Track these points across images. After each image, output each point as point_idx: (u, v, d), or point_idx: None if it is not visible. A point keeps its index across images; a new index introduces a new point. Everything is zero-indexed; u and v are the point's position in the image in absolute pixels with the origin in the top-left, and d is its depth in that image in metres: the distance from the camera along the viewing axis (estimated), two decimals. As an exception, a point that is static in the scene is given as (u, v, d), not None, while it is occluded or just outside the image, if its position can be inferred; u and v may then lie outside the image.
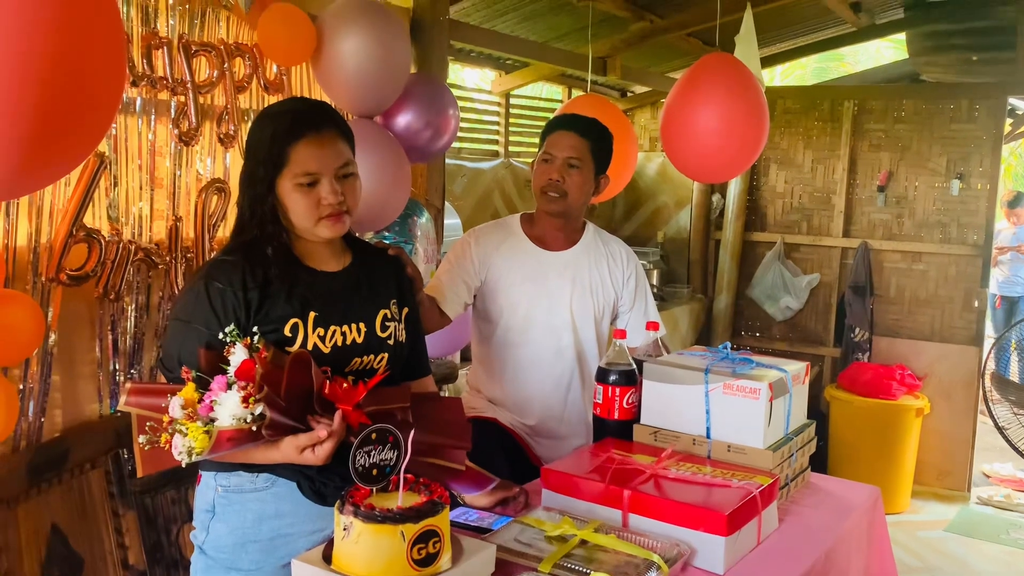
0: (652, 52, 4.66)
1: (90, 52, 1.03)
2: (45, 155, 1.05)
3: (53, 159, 1.10)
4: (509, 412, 2.22)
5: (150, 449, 1.43)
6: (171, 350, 1.56)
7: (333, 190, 1.57)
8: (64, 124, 1.03)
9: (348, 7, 2.43)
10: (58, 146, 1.06)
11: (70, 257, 1.99)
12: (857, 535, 1.90)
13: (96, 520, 2.06)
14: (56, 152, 1.07)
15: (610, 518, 1.62)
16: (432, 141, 2.72)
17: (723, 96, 2.71)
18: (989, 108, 4.88)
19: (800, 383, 1.97)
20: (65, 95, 1.01)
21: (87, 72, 1.03)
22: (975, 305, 5.00)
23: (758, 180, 5.46)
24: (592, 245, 2.32)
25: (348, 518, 1.30)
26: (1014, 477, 5.16)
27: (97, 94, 1.08)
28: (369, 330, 1.66)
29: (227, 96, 2.33)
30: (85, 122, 1.09)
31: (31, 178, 1.07)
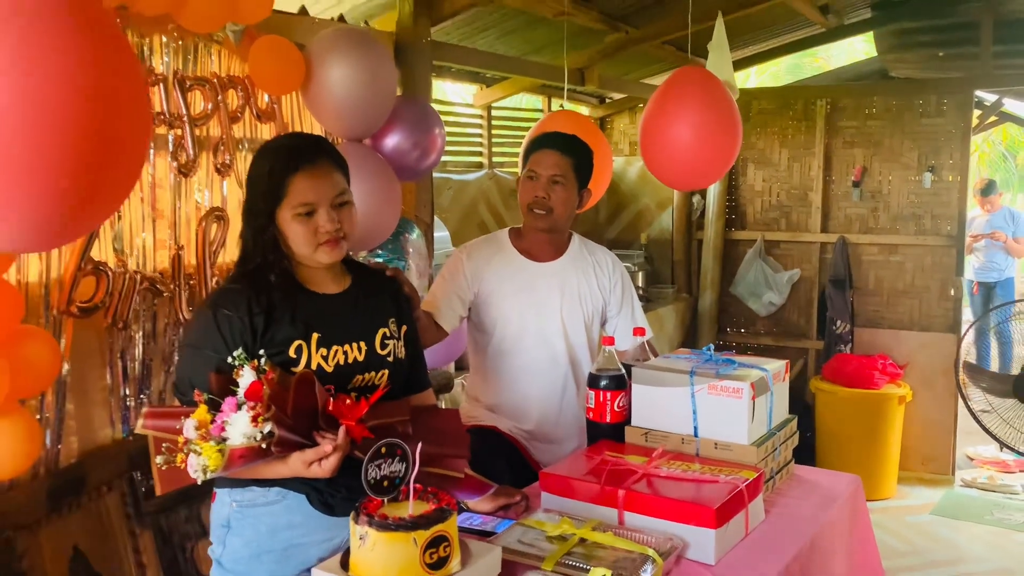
0: (628, 60, 4.77)
1: (122, 115, 1.12)
2: (85, 211, 1.14)
3: (92, 214, 1.20)
4: (507, 419, 2.32)
5: (167, 469, 1.52)
6: (184, 375, 1.65)
7: (330, 218, 1.67)
8: (101, 182, 1.13)
9: (334, 36, 2.52)
10: (96, 202, 1.15)
11: (80, 289, 2.07)
12: (840, 522, 2.00)
13: (115, 541, 2.14)
14: (95, 207, 1.17)
15: (606, 517, 1.71)
16: (420, 160, 2.82)
17: (696, 109, 2.83)
18: (956, 102, 5.03)
19: (780, 380, 2.08)
20: (102, 156, 1.10)
21: (121, 133, 1.12)
22: (951, 293, 5.14)
23: (737, 180, 5.59)
24: (578, 255, 2.42)
25: (363, 528, 1.39)
26: (997, 459, 5.30)
27: (128, 152, 1.17)
28: (369, 348, 1.75)
29: (222, 127, 2.42)
30: (119, 179, 1.18)
31: (71, 232, 1.15)
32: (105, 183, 1.13)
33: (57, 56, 0.99)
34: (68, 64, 1.00)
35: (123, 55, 1.11)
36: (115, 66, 1.08)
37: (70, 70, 1.00)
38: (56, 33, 1.01)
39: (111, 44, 1.10)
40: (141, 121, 1.19)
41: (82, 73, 1.02)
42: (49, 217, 1.07)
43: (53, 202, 1.05)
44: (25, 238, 1.14)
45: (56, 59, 0.99)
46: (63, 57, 1.00)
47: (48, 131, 1.00)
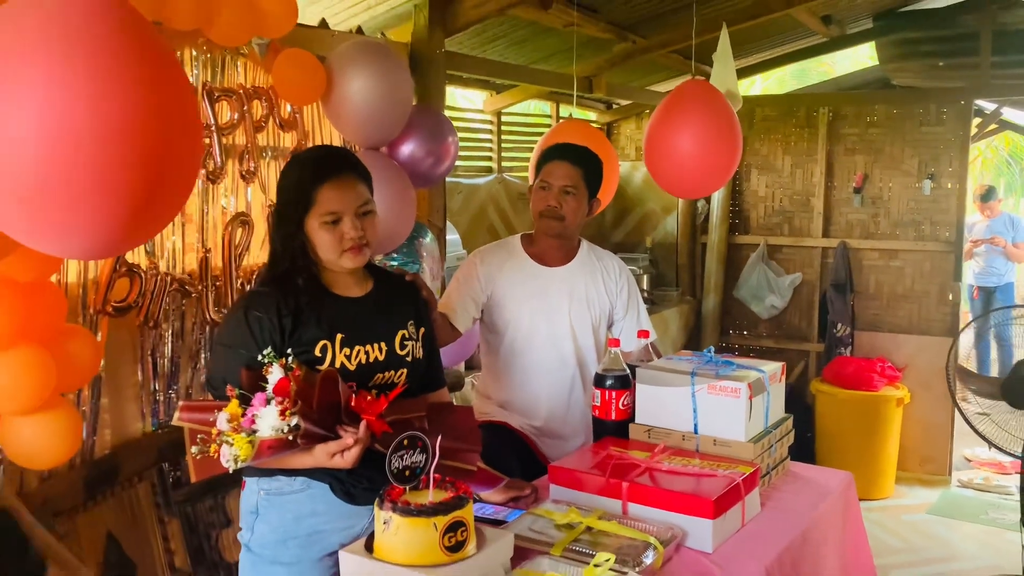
0: (635, 68, 4.88)
1: (180, 134, 1.24)
2: (148, 221, 1.26)
3: (153, 223, 1.32)
4: (518, 415, 2.44)
5: (201, 458, 1.64)
6: (216, 371, 1.76)
7: (354, 226, 1.78)
8: (162, 194, 1.25)
9: (354, 48, 2.63)
10: (158, 212, 1.27)
11: (115, 290, 2.19)
12: (832, 517, 2.11)
13: (145, 528, 2.26)
14: (156, 217, 1.29)
15: (611, 507, 1.82)
16: (434, 167, 2.93)
17: (698, 122, 2.95)
18: (956, 111, 5.13)
19: (777, 381, 2.19)
20: (164, 171, 1.22)
21: (179, 150, 1.24)
22: (950, 298, 5.24)
23: (740, 185, 5.70)
24: (587, 260, 2.54)
25: (387, 513, 1.50)
26: (993, 460, 5.40)
27: (186, 167, 1.29)
28: (389, 349, 1.87)
29: (247, 136, 2.54)
30: (178, 191, 1.30)
31: (133, 241, 1.26)
32: (166, 195, 1.26)
33: (125, 82, 1.11)
34: (135, 89, 1.12)
35: (179, 79, 1.23)
36: (173, 90, 1.20)
37: (137, 95, 1.12)
38: (123, 61, 1.13)
39: (169, 69, 1.22)
40: (196, 138, 1.31)
41: (147, 97, 1.13)
42: (116, 228, 1.19)
43: (121, 214, 1.17)
44: (94, 246, 1.26)
45: (125, 85, 1.11)
46: (131, 83, 1.12)
47: (118, 150, 1.12)
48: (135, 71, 1.13)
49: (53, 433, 1.78)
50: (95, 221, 1.15)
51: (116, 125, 1.10)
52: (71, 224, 1.14)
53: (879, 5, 5.07)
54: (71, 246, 1.24)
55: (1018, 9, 4.99)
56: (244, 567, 1.84)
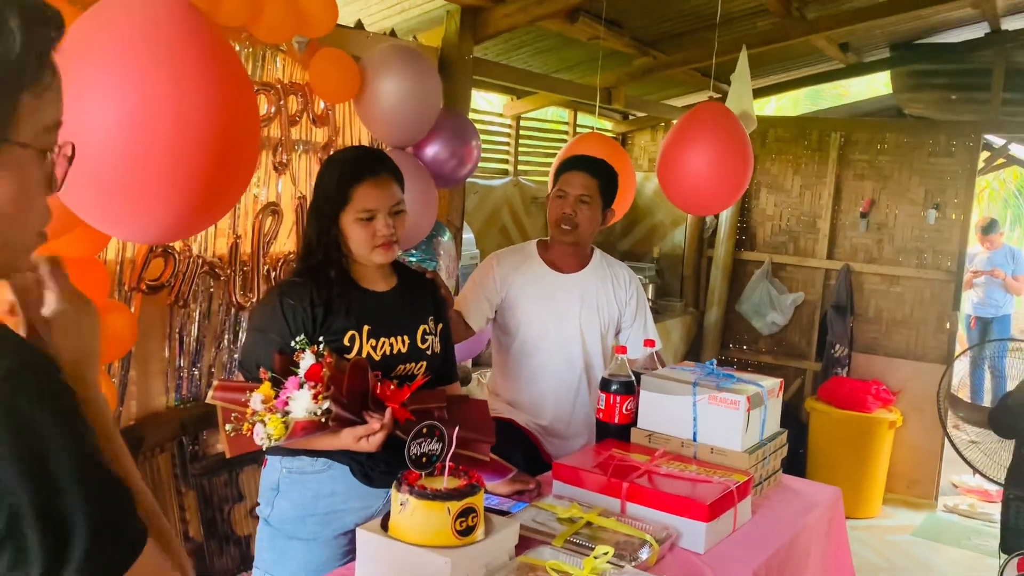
0: (653, 82, 4.98)
1: (244, 131, 1.35)
2: (214, 208, 1.37)
3: (218, 210, 1.43)
4: (524, 413, 2.54)
5: (235, 436, 1.75)
6: (250, 354, 1.87)
7: (387, 224, 1.89)
8: (228, 183, 1.36)
9: (389, 51, 2.74)
10: (223, 200, 1.39)
11: (149, 269, 2.30)
12: (818, 528, 2.22)
13: (163, 498, 2.37)
14: (221, 204, 1.40)
15: (611, 505, 1.92)
16: (456, 170, 3.04)
17: (712, 143, 3.06)
18: (965, 144, 5.24)
19: (774, 396, 2.29)
20: (228, 165, 1.33)
21: (241, 147, 1.35)
22: (947, 327, 5.35)
23: (749, 203, 5.80)
24: (599, 268, 2.64)
25: (404, 495, 1.60)
26: (979, 488, 5.50)
27: (246, 161, 1.40)
28: (412, 342, 1.97)
29: (282, 129, 2.65)
30: (240, 180, 1.41)
31: (199, 226, 1.37)
32: (229, 187, 1.37)
33: (201, 85, 1.22)
34: (209, 92, 1.23)
35: (245, 83, 1.33)
36: (240, 93, 1.31)
37: (210, 97, 1.23)
38: (200, 66, 1.24)
39: (237, 74, 1.32)
40: (255, 135, 1.42)
41: (218, 100, 1.24)
42: (185, 216, 1.30)
43: (190, 204, 1.28)
44: (163, 232, 1.37)
45: (200, 88, 1.22)
46: (205, 87, 1.23)
47: (191, 146, 1.23)
48: (209, 76, 1.24)
49: (91, 401, 1.89)
50: (167, 210, 1.26)
51: (191, 124, 1.21)
52: (146, 212, 1.25)
53: (896, 36, 5.17)
54: (143, 232, 1.35)
55: (1032, 48, 5.10)
56: (262, 540, 1.94)
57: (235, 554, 2.53)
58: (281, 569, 1.90)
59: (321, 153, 2.81)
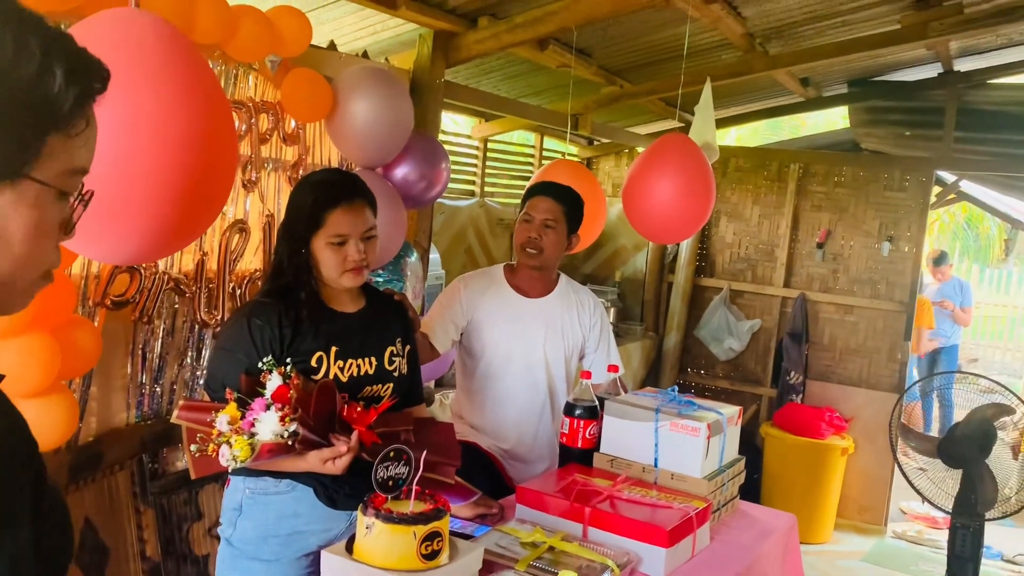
0: (619, 109, 5.07)
1: (222, 155, 1.36)
2: (188, 231, 1.38)
3: (191, 233, 1.43)
4: (488, 437, 2.56)
5: (200, 456, 1.74)
6: (216, 374, 1.87)
7: (358, 249, 1.90)
8: (203, 207, 1.36)
9: (361, 72, 2.76)
10: (197, 223, 1.39)
11: (114, 285, 2.28)
12: (774, 553, 2.27)
13: (121, 516, 2.34)
14: (194, 228, 1.40)
15: (573, 530, 1.95)
16: (426, 191, 3.06)
17: (676, 174, 3.14)
18: (918, 179, 5.41)
19: (734, 424, 2.34)
20: (206, 187, 1.34)
21: (219, 169, 1.36)
22: (899, 356, 5.49)
23: (709, 230, 5.91)
24: (565, 294, 2.68)
25: (371, 519, 1.61)
26: (928, 515, 5.63)
27: (223, 182, 1.41)
28: (379, 363, 1.99)
29: (252, 147, 2.65)
30: (215, 203, 1.41)
31: (173, 248, 1.37)
32: (207, 208, 1.37)
33: (182, 107, 1.23)
34: (189, 114, 1.24)
35: (223, 105, 1.35)
36: (218, 115, 1.32)
37: (190, 119, 1.24)
38: (181, 88, 1.25)
39: (216, 97, 1.34)
40: (233, 157, 1.43)
41: (197, 121, 1.26)
42: (161, 238, 1.31)
43: (167, 226, 1.28)
44: (139, 254, 1.37)
45: (181, 109, 1.23)
46: (186, 108, 1.24)
47: (171, 168, 1.24)
48: (190, 97, 1.25)
49: (52, 417, 1.86)
50: (143, 232, 1.26)
51: (170, 145, 1.22)
52: (121, 234, 1.25)
53: (854, 72, 5.33)
54: (118, 253, 1.35)
55: (982, 89, 5.29)
56: (223, 560, 1.93)
57: (193, 574, 2.50)
58: (242, 591, 1.89)
59: (291, 172, 2.81)
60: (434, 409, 3.44)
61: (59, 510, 0.87)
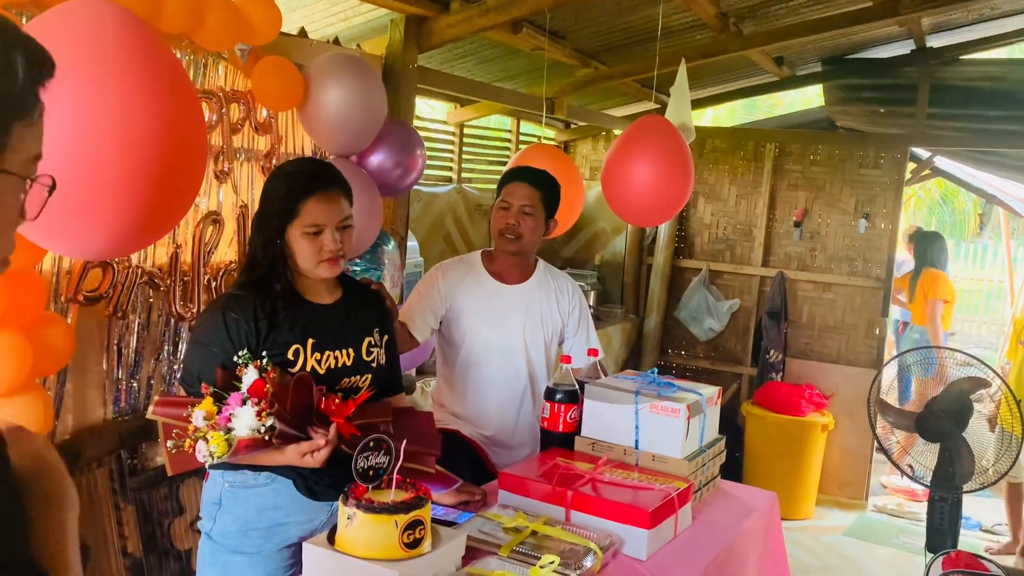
0: (594, 92, 5.06)
1: (191, 147, 1.34)
2: (159, 225, 1.36)
3: (162, 227, 1.41)
4: (470, 424, 2.56)
5: (177, 452, 1.72)
6: (191, 368, 1.84)
7: (334, 239, 1.88)
8: (172, 202, 1.34)
9: (332, 60, 2.73)
10: (167, 217, 1.37)
11: (87, 280, 2.25)
12: (756, 531, 2.28)
13: (101, 513, 2.32)
14: (165, 222, 1.38)
15: (555, 514, 1.95)
16: (401, 179, 3.04)
17: (655, 157, 3.13)
18: (893, 156, 5.44)
19: (713, 404, 2.35)
20: (175, 180, 1.32)
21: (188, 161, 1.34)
22: (876, 332, 5.54)
23: (687, 211, 5.92)
24: (543, 279, 2.67)
25: (352, 509, 1.61)
26: (908, 488, 5.70)
27: (193, 176, 1.39)
28: (357, 355, 1.97)
29: (223, 137, 2.61)
30: (185, 197, 1.39)
31: (144, 243, 1.35)
32: (177, 201, 1.35)
33: (148, 100, 1.21)
34: (156, 107, 1.22)
35: (191, 97, 1.32)
36: (186, 108, 1.30)
37: (157, 112, 1.22)
38: (147, 80, 1.22)
39: (183, 88, 1.31)
40: (202, 149, 1.41)
41: (164, 114, 1.23)
42: (130, 232, 1.29)
43: (136, 219, 1.26)
44: (108, 248, 1.34)
45: (147, 102, 1.21)
46: (152, 101, 1.22)
47: (138, 161, 1.21)
48: (155, 88, 1.23)
49: (26, 416, 1.84)
50: (111, 226, 1.24)
51: (137, 137, 1.20)
52: (89, 229, 1.23)
53: (828, 51, 5.35)
54: (86, 248, 1.32)
55: (955, 66, 5.32)
56: (204, 555, 1.92)
57: (175, 569, 2.48)
58: (224, 584, 1.88)
59: (263, 161, 2.78)
60: (415, 397, 3.43)
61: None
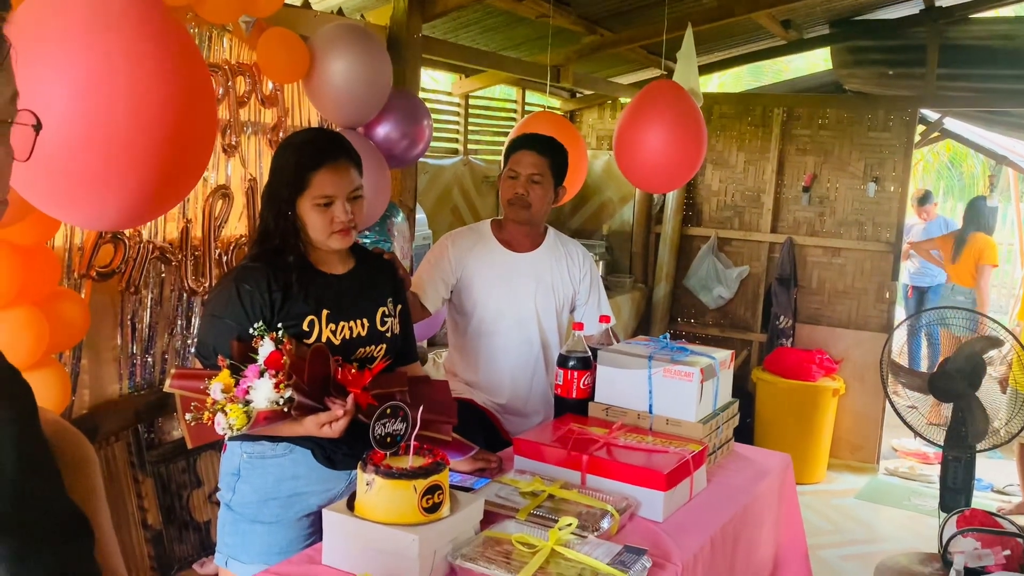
0: (600, 59, 5.01)
1: (201, 115, 1.33)
2: (170, 194, 1.36)
3: (173, 196, 1.41)
4: (483, 393, 2.57)
5: (195, 425, 1.74)
6: (207, 341, 1.85)
7: (344, 210, 1.88)
8: (183, 170, 1.34)
9: (337, 31, 2.71)
10: (178, 186, 1.37)
11: (99, 256, 2.26)
12: (770, 493, 2.29)
13: (120, 486, 2.34)
14: (176, 191, 1.38)
15: (571, 478, 1.96)
16: (408, 150, 3.03)
17: (668, 121, 3.10)
18: (902, 119, 5.39)
19: (726, 368, 2.35)
20: (186, 148, 1.32)
21: (198, 129, 1.34)
22: (887, 296, 5.52)
23: (695, 179, 5.89)
24: (553, 247, 2.67)
25: (371, 475, 1.62)
26: (919, 451, 5.72)
27: (204, 144, 1.39)
28: (371, 325, 1.98)
29: (230, 111, 2.61)
30: (196, 166, 1.39)
31: (155, 213, 1.35)
32: (188, 170, 1.35)
33: (157, 66, 1.20)
34: (165, 73, 1.21)
35: (199, 65, 1.32)
36: (195, 75, 1.29)
37: (166, 78, 1.21)
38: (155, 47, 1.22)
39: (191, 55, 1.31)
40: (212, 118, 1.41)
41: (174, 80, 1.23)
42: (142, 201, 1.29)
43: (148, 188, 1.26)
44: (120, 218, 1.35)
45: (156, 69, 1.20)
46: (161, 68, 1.21)
47: (149, 128, 1.21)
48: (165, 56, 1.23)
49: (43, 391, 1.86)
50: (123, 195, 1.24)
51: (146, 106, 1.19)
52: (101, 198, 1.23)
53: (835, 13, 5.28)
54: (98, 218, 1.33)
55: (964, 25, 5.25)
56: (224, 525, 1.94)
57: (195, 540, 2.51)
58: (244, 553, 1.90)
59: (271, 135, 2.78)
60: (428, 368, 3.44)
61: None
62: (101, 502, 0.87)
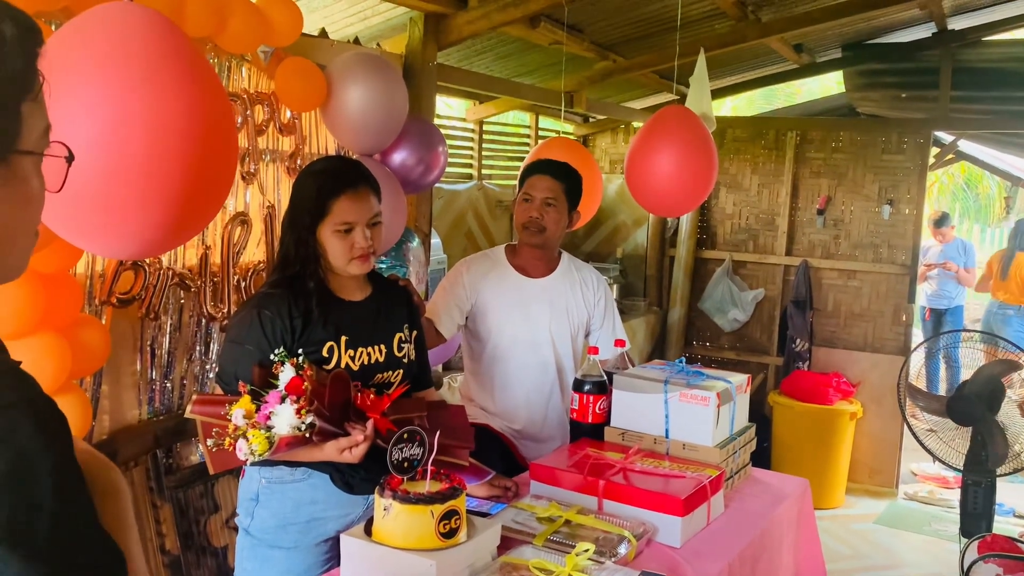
0: (613, 84, 5.05)
1: (222, 147, 1.36)
2: (190, 225, 1.38)
3: (193, 227, 1.43)
4: (499, 418, 2.57)
5: (217, 451, 1.75)
6: (228, 367, 1.87)
7: (364, 236, 1.90)
8: (203, 202, 1.37)
9: (353, 59, 2.75)
10: (198, 218, 1.39)
11: (120, 282, 2.28)
12: (788, 518, 2.28)
13: (139, 511, 2.35)
14: (196, 222, 1.40)
15: (588, 503, 1.96)
16: (424, 176, 3.06)
17: (679, 145, 3.12)
18: (916, 141, 5.39)
19: (743, 392, 2.35)
20: (206, 180, 1.34)
21: (219, 161, 1.36)
22: (903, 319, 5.49)
23: (709, 202, 5.90)
24: (567, 272, 2.68)
25: (388, 500, 1.62)
26: (938, 475, 5.65)
27: (224, 175, 1.41)
28: (388, 350, 1.99)
29: (249, 139, 2.64)
30: (216, 198, 1.42)
31: (175, 242, 1.38)
32: (207, 201, 1.38)
33: (177, 100, 1.23)
34: (185, 107, 1.24)
35: (221, 97, 1.35)
36: (216, 108, 1.32)
37: (187, 112, 1.24)
38: (176, 81, 1.25)
39: (213, 89, 1.34)
40: (233, 149, 1.43)
41: (195, 114, 1.26)
42: (162, 231, 1.31)
43: (168, 219, 1.29)
44: (141, 248, 1.37)
45: (177, 103, 1.23)
46: (182, 101, 1.24)
47: (169, 160, 1.24)
48: (187, 89, 1.25)
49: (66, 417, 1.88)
50: (146, 224, 1.27)
51: (170, 137, 1.22)
52: (124, 227, 1.26)
53: (848, 36, 5.30)
54: (121, 247, 1.35)
55: (977, 47, 5.26)
56: (242, 550, 1.95)
57: (212, 566, 2.52)
58: (263, 579, 1.90)
59: (288, 162, 2.81)
60: (443, 393, 3.45)
61: None
62: (132, 531, 0.88)
